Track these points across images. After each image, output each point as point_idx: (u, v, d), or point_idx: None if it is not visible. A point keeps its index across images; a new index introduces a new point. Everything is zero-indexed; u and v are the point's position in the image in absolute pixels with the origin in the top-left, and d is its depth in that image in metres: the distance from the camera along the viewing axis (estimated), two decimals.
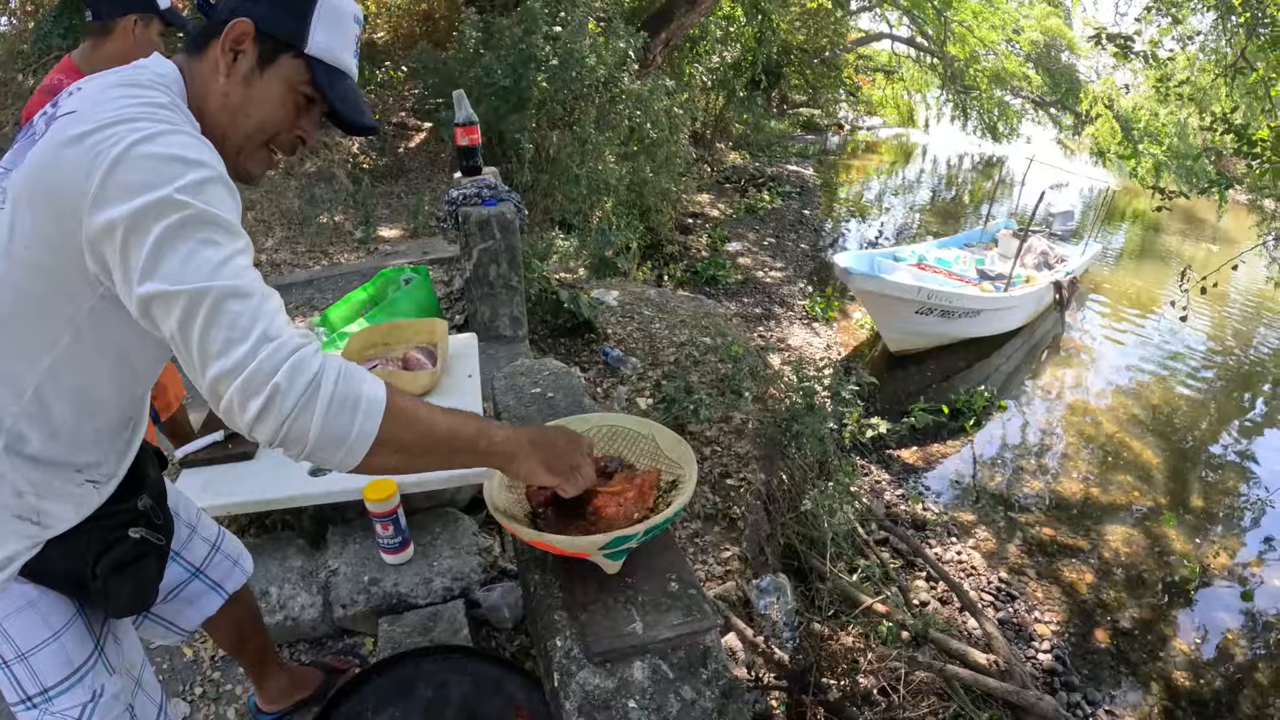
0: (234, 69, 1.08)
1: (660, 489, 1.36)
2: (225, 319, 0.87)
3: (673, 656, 1.17)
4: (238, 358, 0.87)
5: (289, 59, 1.09)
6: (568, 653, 1.15)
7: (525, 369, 1.98)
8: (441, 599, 2.18)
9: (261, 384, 0.87)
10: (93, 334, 1.03)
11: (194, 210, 0.89)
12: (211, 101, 1.08)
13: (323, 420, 0.90)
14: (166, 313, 0.88)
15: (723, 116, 15.02)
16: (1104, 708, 4.12)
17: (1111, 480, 6.30)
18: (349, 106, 1.14)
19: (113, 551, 1.17)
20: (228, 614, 1.64)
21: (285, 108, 1.12)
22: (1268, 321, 10.66)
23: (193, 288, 0.87)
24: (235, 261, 0.91)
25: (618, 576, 1.26)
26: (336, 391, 0.91)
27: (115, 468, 1.23)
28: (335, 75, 1.13)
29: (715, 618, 1.20)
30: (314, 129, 1.17)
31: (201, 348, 0.88)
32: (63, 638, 1.16)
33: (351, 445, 0.93)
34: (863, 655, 3.56)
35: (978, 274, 9.29)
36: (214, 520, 1.63)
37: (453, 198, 3.87)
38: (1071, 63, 18.03)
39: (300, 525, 2.42)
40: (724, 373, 4.71)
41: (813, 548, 4.15)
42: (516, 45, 7.02)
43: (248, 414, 0.88)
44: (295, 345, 0.90)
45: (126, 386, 1.15)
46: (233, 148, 1.11)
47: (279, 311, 0.93)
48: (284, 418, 0.88)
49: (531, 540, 1.21)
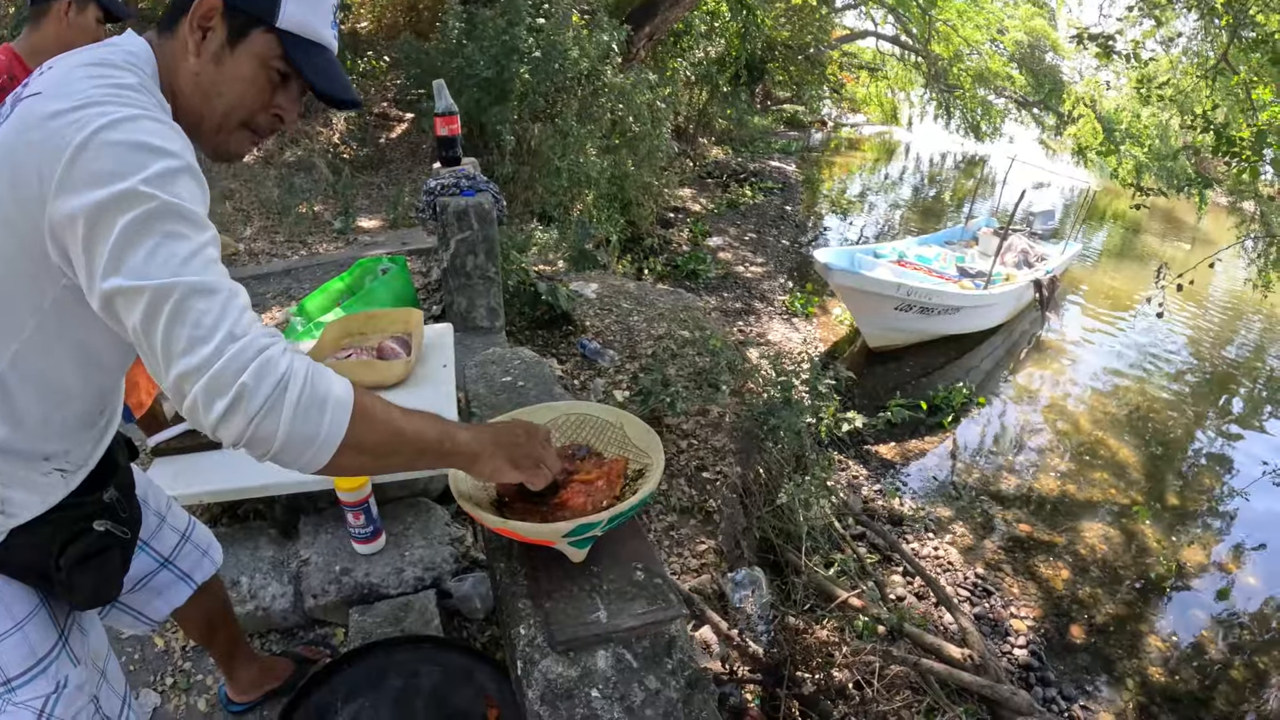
0: (203, 47, 1.03)
1: (627, 477, 1.35)
2: (190, 316, 0.85)
3: (637, 646, 1.17)
4: (203, 356, 0.84)
5: (260, 34, 1.04)
6: (531, 641, 1.15)
7: (497, 357, 1.97)
8: (413, 589, 2.17)
9: (227, 384, 0.85)
10: (57, 324, 1.00)
11: (159, 202, 0.86)
12: (183, 82, 1.04)
13: (290, 421, 0.88)
14: (129, 309, 0.86)
15: (706, 111, 15.01)
16: (1079, 703, 4.14)
17: (1088, 477, 6.35)
18: (328, 81, 1.09)
19: (77, 544, 1.14)
20: (197, 604, 1.62)
21: (258, 86, 1.07)
22: (1245, 322, 10.78)
23: (157, 284, 0.84)
24: (201, 256, 0.88)
25: (584, 565, 1.26)
26: (304, 392, 0.89)
27: (86, 457, 1.20)
28: (311, 49, 1.08)
29: (680, 607, 1.20)
30: (293, 107, 1.13)
31: (165, 346, 0.85)
32: (26, 628, 1.13)
33: (319, 446, 0.91)
34: (838, 649, 3.58)
35: (958, 271, 9.33)
36: (184, 510, 1.62)
37: (431, 187, 3.85)
38: (1055, 63, 18.13)
39: (272, 515, 2.39)
40: (702, 366, 4.72)
41: (788, 541, 4.16)
42: (499, 36, 6.98)
43: (212, 414, 0.85)
44: (262, 345, 0.88)
45: (94, 378, 1.12)
46: (209, 128, 1.08)
47: (246, 309, 0.90)
48: (250, 418, 0.86)
49: (495, 528, 1.20)
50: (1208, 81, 8.48)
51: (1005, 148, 18.33)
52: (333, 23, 1.11)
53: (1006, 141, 19.68)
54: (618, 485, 1.31)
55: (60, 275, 0.94)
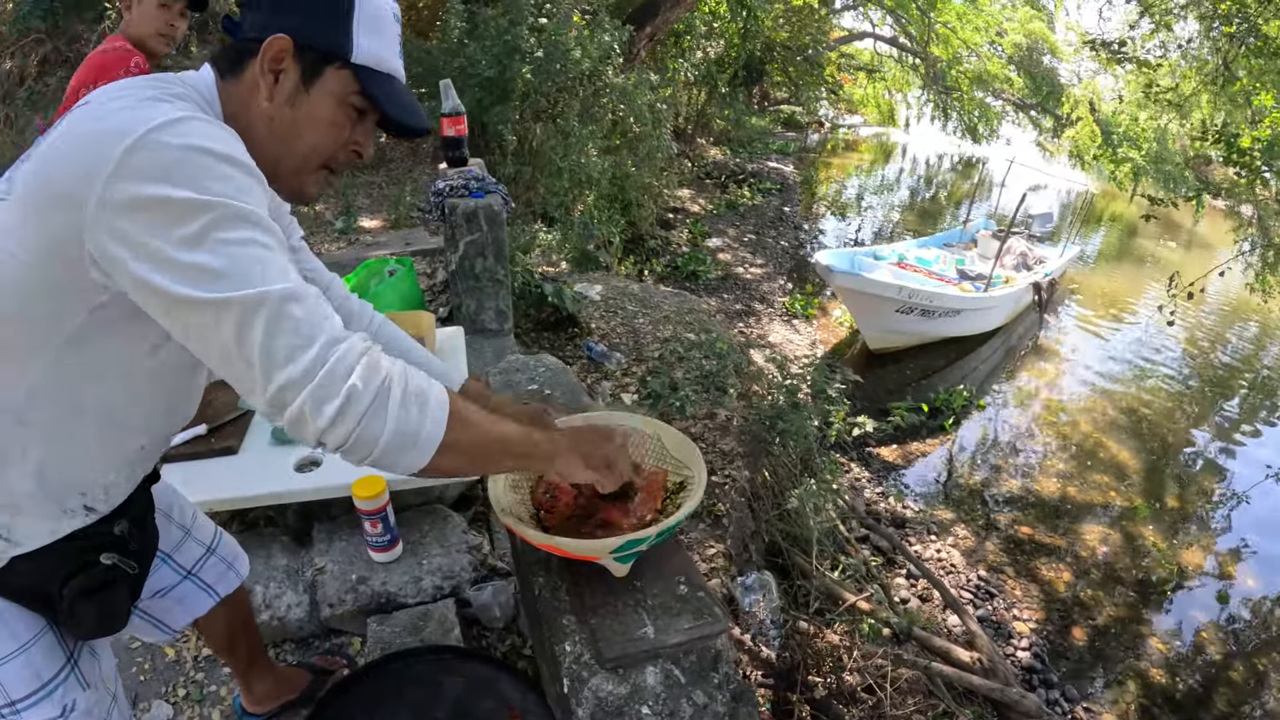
0: (276, 90, 0.99)
1: (667, 490, 1.33)
2: (287, 325, 0.82)
3: (684, 661, 1.15)
4: (306, 365, 0.82)
5: (334, 71, 0.99)
6: (578, 658, 1.12)
7: (520, 364, 1.95)
8: (431, 598, 2.14)
9: (336, 389, 0.83)
10: (90, 346, 0.95)
11: (228, 208, 0.82)
12: (257, 128, 0.99)
13: (395, 422, 0.87)
14: (216, 323, 0.82)
15: (704, 112, 15.01)
16: (1081, 704, 4.15)
17: (1088, 479, 6.36)
18: (406, 112, 1.05)
19: (81, 576, 1.10)
20: (220, 616, 1.59)
21: (339, 125, 1.03)
22: (1241, 324, 10.81)
23: (245, 294, 0.81)
24: (280, 261, 0.85)
25: (626, 580, 1.23)
26: (407, 394, 0.88)
27: (123, 494, 1.16)
28: (384, 80, 1.04)
29: (726, 621, 1.18)
30: (369, 140, 1.08)
31: (265, 358, 0.82)
32: (31, 650, 1.09)
33: (421, 446, 0.90)
34: (848, 653, 3.56)
35: (958, 274, 9.35)
36: (211, 521, 1.58)
37: (439, 189, 3.81)
38: (1053, 66, 18.17)
39: (285, 522, 2.36)
40: (708, 369, 4.70)
41: (795, 544, 4.14)
42: (501, 36, 6.95)
43: (321, 419, 0.83)
44: (363, 347, 0.87)
45: (142, 404, 1.07)
46: (287, 171, 1.04)
47: (331, 311, 0.88)
48: (359, 419, 0.84)
49: (541, 544, 1.18)
50: (1207, 87, 8.52)
51: (1002, 150, 18.37)
52: (399, 50, 1.08)
53: (1004, 144, 19.71)
54: (659, 498, 1.28)
55: (98, 291, 0.89)
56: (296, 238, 1.35)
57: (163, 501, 1.40)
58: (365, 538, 2.16)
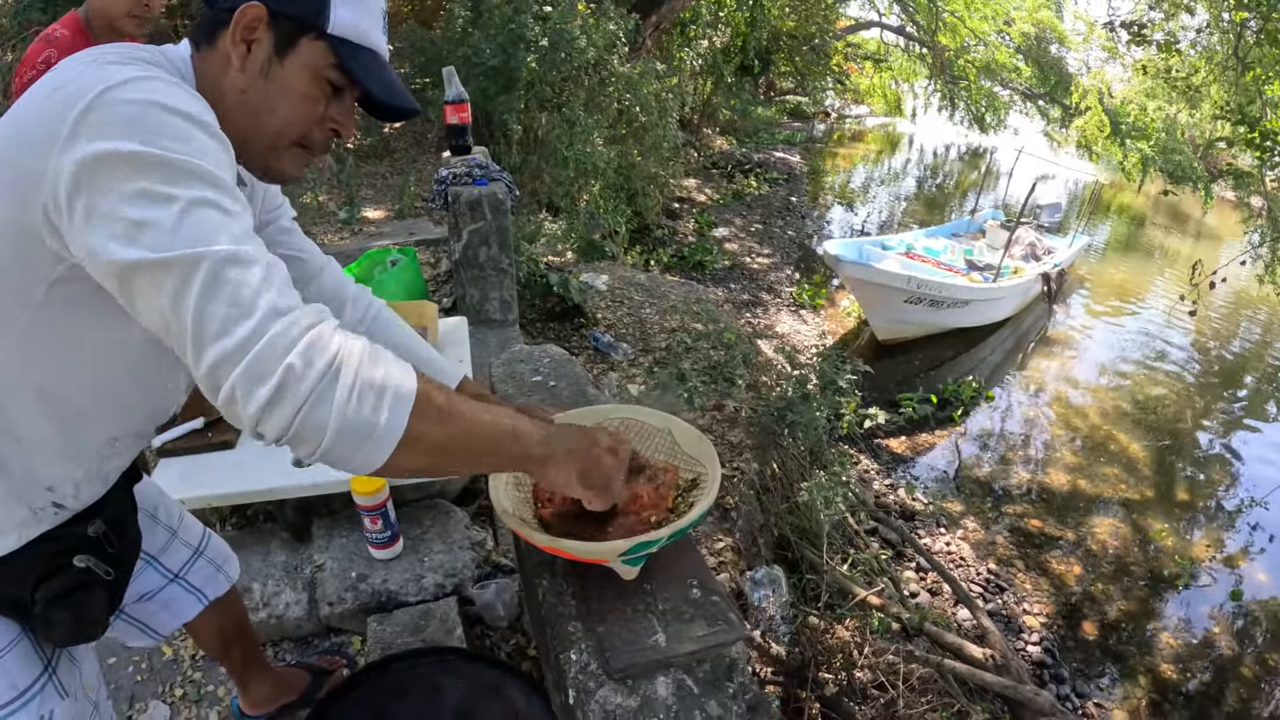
0: (248, 61, 0.93)
1: (679, 488, 1.26)
2: (225, 291, 0.73)
3: (698, 670, 1.08)
4: (241, 337, 0.72)
5: (310, 42, 0.93)
6: (584, 667, 1.06)
7: (525, 355, 1.88)
8: (433, 596, 2.08)
9: (271, 367, 0.72)
10: (56, 321, 0.88)
11: (181, 162, 0.76)
12: (228, 100, 0.93)
13: (343, 411, 0.75)
14: (155, 288, 0.74)
15: (710, 102, 14.91)
16: (1093, 700, 4.12)
17: (1098, 472, 6.30)
18: (386, 89, 0.99)
19: (53, 580, 1.03)
20: (210, 619, 1.53)
21: (312, 99, 0.96)
22: (1249, 315, 10.72)
23: (184, 254, 0.73)
24: (235, 223, 0.77)
25: (635, 583, 1.16)
26: (360, 377, 0.76)
27: (96, 493, 1.09)
28: (364, 55, 0.97)
29: (742, 627, 1.11)
30: (348, 119, 1.02)
31: (197, 327, 0.73)
32: (4, 659, 1.03)
33: (376, 441, 0.78)
34: (859, 649, 3.51)
35: (966, 264, 9.29)
36: (199, 522, 1.52)
37: (442, 177, 3.76)
38: (1061, 55, 18.02)
39: (283, 517, 2.31)
40: (716, 360, 4.63)
41: (804, 538, 4.09)
42: (506, 25, 6.89)
43: (253, 403, 0.72)
44: (310, 320, 0.76)
45: (111, 391, 1.00)
46: (260, 148, 0.97)
47: (288, 282, 0.79)
48: (298, 406, 0.73)
49: (545, 546, 1.11)
50: (1219, 75, 8.42)
51: (1010, 140, 18.24)
52: (383, 26, 1.01)
53: (1011, 134, 19.58)
54: (670, 497, 1.22)
55: (54, 263, 0.83)
56: (287, 219, 1.28)
57: (147, 502, 1.33)
58: (365, 534, 2.10)
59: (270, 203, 1.23)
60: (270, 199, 1.23)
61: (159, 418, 1.12)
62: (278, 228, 1.24)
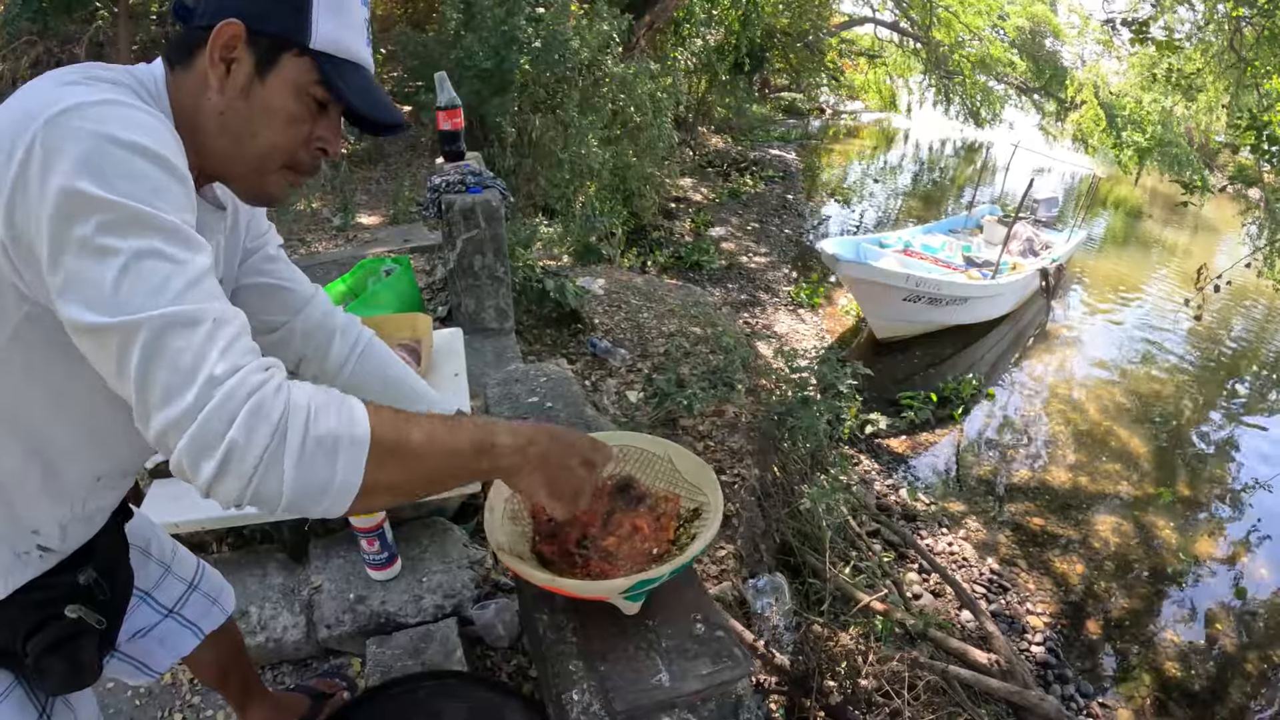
0: (228, 81, 0.89)
1: (680, 518, 1.23)
2: (165, 358, 0.71)
3: (703, 709, 1.06)
4: (183, 408, 0.70)
5: (292, 58, 0.90)
6: (586, 708, 1.03)
7: (521, 374, 1.85)
8: (432, 618, 2.05)
9: (213, 443, 0.70)
10: (24, 359, 0.85)
11: (129, 211, 0.72)
12: (207, 123, 0.90)
13: (295, 474, 0.74)
14: (99, 351, 0.73)
15: (705, 100, 14.88)
16: (1097, 700, 4.10)
17: (1099, 468, 6.28)
18: (370, 104, 0.95)
19: (44, 632, 1.00)
20: (207, 651, 1.50)
21: (298, 119, 0.93)
22: (1247, 309, 10.71)
23: (124, 320, 0.70)
24: (180, 277, 0.74)
25: (637, 618, 1.14)
26: (308, 437, 0.75)
27: (83, 536, 1.05)
28: (348, 69, 0.93)
29: (748, 663, 1.09)
30: (336, 137, 0.98)
31: (141, 393, 0.72)
32: None
33: (334, 495, 0.77)
34: (863, 657, 3.48)
35: (964, 261, 9.27)
36: (193, 555, 1.49)
37: (435, 184, 3.72)
38: (1056, 49, 18.00)
39: (280, 537, 2.28)
40: (715, 364, 4.60)
41: (806, 543, 4.06)
42: (499, 27, 6.86)
43: (200, 476, 0.71)
44: (252, 385, 0.73)
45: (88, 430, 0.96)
46: (244, 171, 0.94)
47: (236, 338, 0.76)
48: (246, 479, 0.72)
49: (545, 585, 1.08)
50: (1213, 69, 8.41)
51: (1005, 134, 18.23)
52: (367, 37, 0.97)
53: (1007, 128, 19.57)
54: (671, 528, 1.19)
55: (21, 301, 0.80)
56: (274, 246, 1.23)
57: (139, 538, 1.30)
58: (362, 555, 2.07)
59: (255, 229, 1.19)
60: (256, 225, 1.19)
61: (145, 454, 1.09)
62: (263, 255, 1.20)
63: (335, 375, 1.26)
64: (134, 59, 7.18)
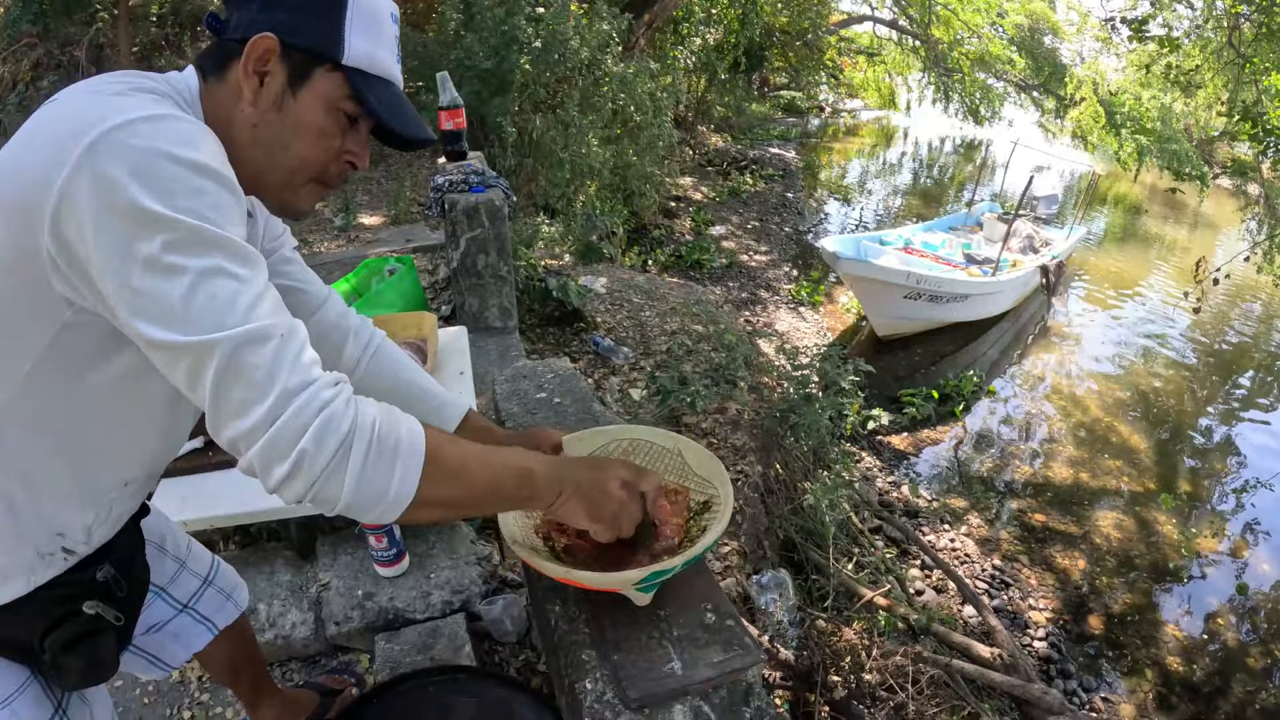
0: (261, 94, 0.90)
1: (690, 510, 1.25)
2: (241, 375, 0.75)
3: (714, 697, 1.07)
4: (256, 419, 0.75)
5: (324, 73, 0.91)
6: (600, 697, 1.04)
7: (528, 371, 1.86)
8: (441, 613, 2.06)
9: (286, 450, 0.76)
10: (63, 366, 0.86)
11: (190, 227, 0.74)
12: (240, 135, 0.91)
13: (355, 484, 0.80)
14: (171, 366, 0.77)
15: (705, 99, 14.90)
16: (1100, 694, 4.11)
17: (1100, 464, 6.29)
18: (401, 120, 0.97)
19: (62, 628, 1.01)
20: (220, 647, 1.51)
21: (329, 133, 0.94)
22: (1247, 304, 10.73)
23: (199, 340, 0.74)
24: (248, 294, 0.77)
25: (649, 608, 1.15)
26: (370, 452, 0.80)
27: (107, 535, 1.06)
28: (379, 85, 0.95)
29: (759, 651, 1.10)
30: (364, 151, 1.00)
31: (215, 407, 0.76)
32: (14, 704, 1.00)
33: (389, 504, 0.83)
34: (866, 652, 3.50)
35: (965, 258, 9.28)
36: (208, 551, 1.50)
37: (438, 184, 3.73)
38: (1055, 47, 18.02)
39: (287, 534, 2.29)
40: (718, 362, 4.62)
41: (809, 539, 4.08)
42: (499, 27, 6.86)
43: (271, 479, 0.77)
44: (323, 400, 0.78)
45: (124, 434, 0.98)
46: (275, 184, 0.96)
47: (302, 350, 0.80)
48: (312, 482, 0.78)
49: (559, 577, 1.10)
50: (1212, 65, 8.41)
51: (1005, 131, 18.24)
52: (398, 54, 0.99)
53: (1006, 125, 19.59)
54: (683, 521, 1.20)
55: (63, 306, 0.81)
56: (289, 248, 1.25)
57: (154, 534, 1.31)
58: (370, 552, 2.08)
59: (272, 232, 1.20)
60: (272, 228, 1.21)
61: (170, 456, 1.11)
62: (280, 257, 1.21)
63: (348, 376, 1.27)
64: (134, 61, 7.19)
